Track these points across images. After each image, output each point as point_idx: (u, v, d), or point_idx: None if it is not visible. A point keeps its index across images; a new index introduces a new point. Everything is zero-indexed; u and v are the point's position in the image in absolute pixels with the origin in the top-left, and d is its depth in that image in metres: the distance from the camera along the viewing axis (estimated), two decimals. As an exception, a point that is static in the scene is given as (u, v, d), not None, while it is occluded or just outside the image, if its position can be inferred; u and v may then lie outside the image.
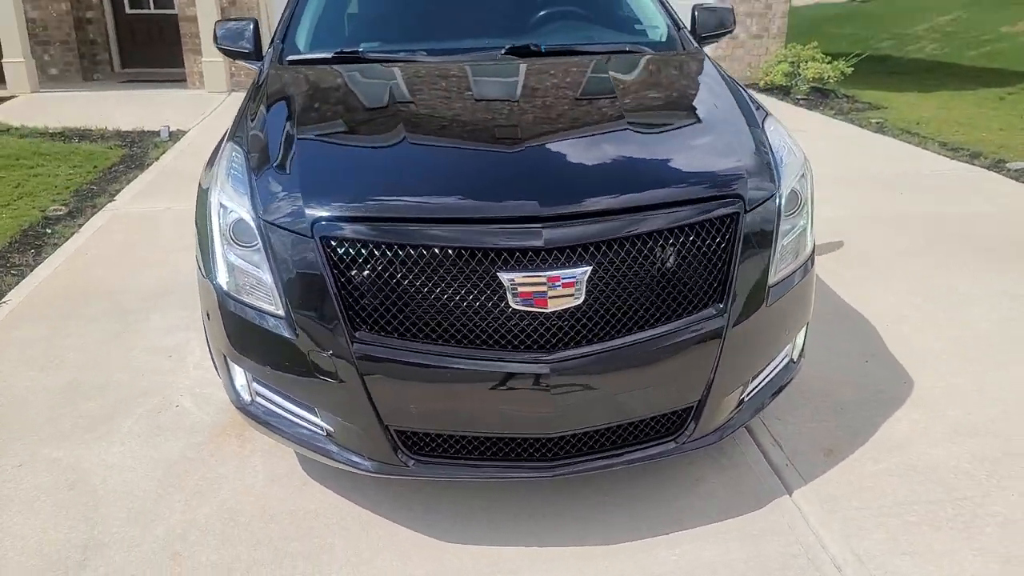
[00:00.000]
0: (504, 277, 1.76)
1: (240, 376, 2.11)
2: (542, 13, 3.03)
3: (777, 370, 2.23)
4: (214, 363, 2.30)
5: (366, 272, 1.81)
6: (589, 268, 1.79)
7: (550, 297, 1.77)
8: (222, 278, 2.01)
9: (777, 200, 2.06)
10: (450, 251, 1.78)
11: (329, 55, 2.80)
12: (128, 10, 10.48)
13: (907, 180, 5.41)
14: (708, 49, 10.46)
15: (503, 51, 2.77)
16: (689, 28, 3.20)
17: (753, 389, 2.15)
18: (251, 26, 2.97)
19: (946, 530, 2.07)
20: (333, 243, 1.82)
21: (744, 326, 1.97)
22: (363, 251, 1.81)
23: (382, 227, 1.81)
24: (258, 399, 2.10)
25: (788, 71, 9.45)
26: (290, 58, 2.84)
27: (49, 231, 4.60)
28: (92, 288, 3.72)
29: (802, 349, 2.34)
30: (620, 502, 2.19)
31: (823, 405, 2.63)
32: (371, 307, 1.83)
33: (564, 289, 1.77)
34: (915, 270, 3.78)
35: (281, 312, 1.90)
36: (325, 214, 1.84)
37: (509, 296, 1.77)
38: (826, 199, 4.91)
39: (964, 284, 3.60)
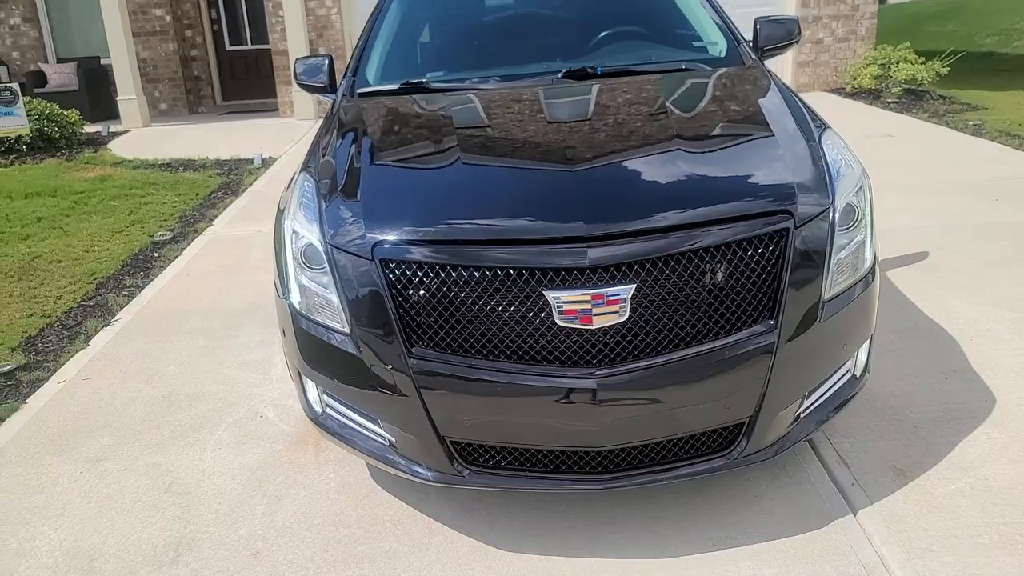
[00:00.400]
0: (550, 295, 1.84)
1: (312, 389, 2.26)
2: (600, 35, 3.10)
3: (838, 385, 2.20)
4: (291, 376, 2.47)
5: (421, 291, 1.93)
6: (633, 286, 1.84)
7: (595, 314, 1.83)
8: (295, 298, 2.17)
9: (831, 214, 2.05)
10: (499, 271, 1.87)
11: (395, 86, 2.96)
12: (228, 47, 11.23)
13: (1002, 186, 5.12)
14: (789, 55, 10.09)
15: (560, 75, 2.85)
16: (751, 41, 3.19)
17: (811, 405, 2.12)
18: (326, 62, 3.18)
19: (1020, 553, 1.98)
20: (391, 265, 1.95)
21: (797, 342, 1.97)
22: (418, 272, 1.93)
23: (434, 249, 1.92)
24: (328, 411, 2.25)
25: (877, 74, 9.10)
26: (360, 90, 3.02)
27: (156, 255, 5.01)
28: (189, 307, 4.04)
29: (866, 364, 2.29)
30: (677, 516, 2.20)
31: (895, 423, 2.55)
32: (426, 324, 1.94)
33: (609, 307, 1.83)
34: (1004, 282, 3.59)
35: (347, 330, 2.04)
36: (382, 238, 1.97)
37: (555, 314, 1.84)
38: (911, 207, 4.74)
39: (1060, 296, 3.40)
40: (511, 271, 1.86)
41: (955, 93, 8.96)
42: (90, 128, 9.12)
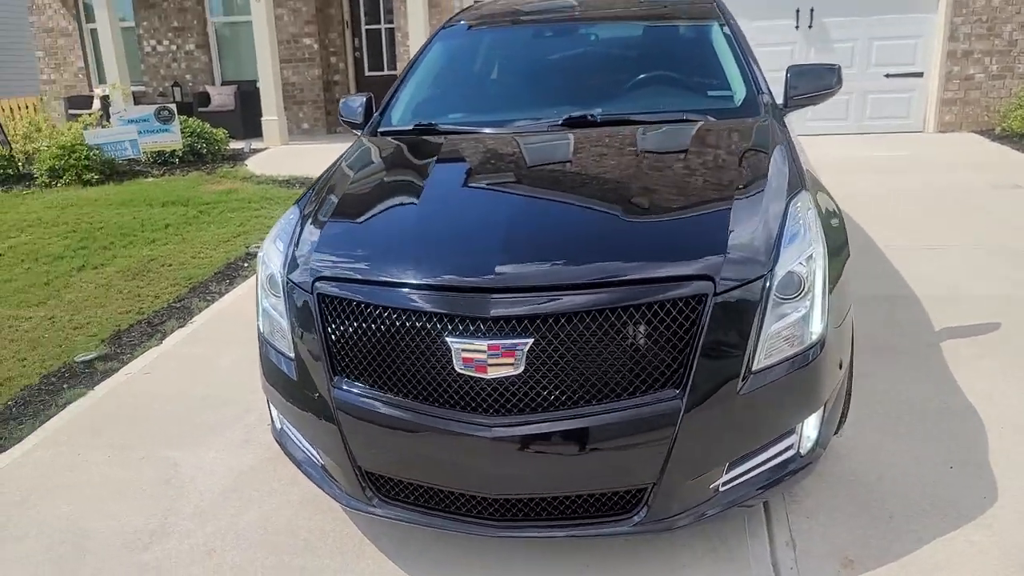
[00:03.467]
0: (451, 341, 1.91)
1: (274, 408, 2.46)
2: (613, 83, 3.12)
3: (775, 461, 2.08)
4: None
5: (345, 326, 2.06)
6: (531, 340, 1.87)
7: (490, 364, 1.88)
8: (261, 322, 2.38)
9: (766, 283, 1.96)
10: (411, 314, 1.97)
11: (410, 127, 3.14)
12: (367, 72, 12.06)
13: None
14: (933, 91, 9.47)
15: (559, 122, 2.90)
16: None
17: (735, 478, 2.03)
18: (364, 100, 3.43)
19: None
20: (325, 299, 2.10)
21: (709, 411, 1.90)
22: (345, 308, 2.07)
23: (357, 289, 2.06)
24: (284, 428, 2.44)
25: (1030, 117, 8.22)
26: (382, 130, 3.23)
27: (246, 265, 5.52)
28: (253, 316, 4.43)
29: (816, 440, 2.15)
30: (601, 574, 2.17)
31: (869, 509, 2.36)
32: (348, 357, 2.07)
33: (504, 358, 1.87)
34: (1076, 365, 3.17)
35: (292, 355, 2.21)
36: (322, 273, 2.14)
37: (455, 360, 1.91)
38: (993, 269, 4.27)
39: None
40: (422, 314, 1.96)
41: None
42: (236, 144, 10.15)
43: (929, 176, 6.84)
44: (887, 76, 9.28)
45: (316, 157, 9.47)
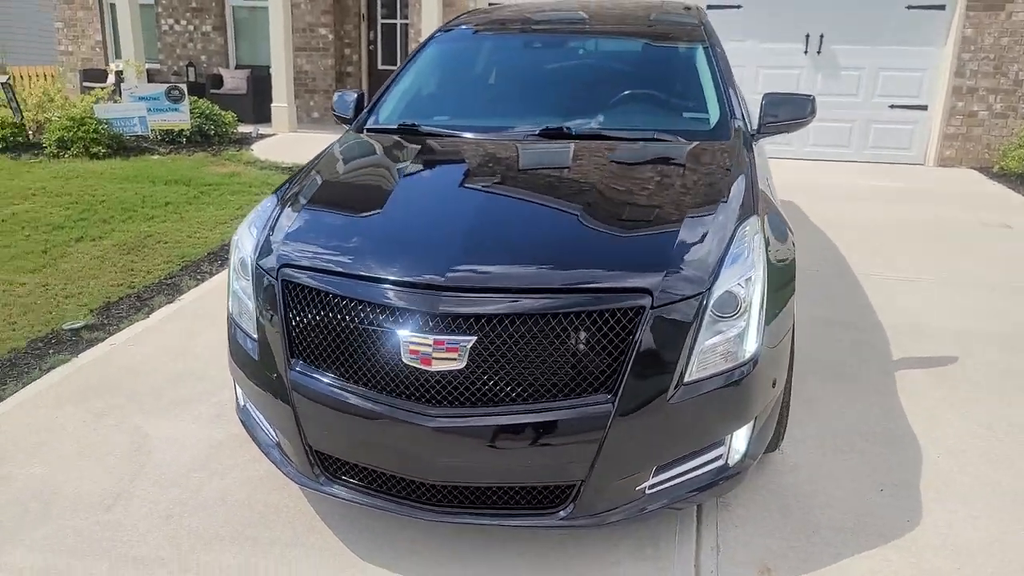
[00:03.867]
0: (400, 334, 2.03)
1: (239, 387, 2.58)
2: (593, 99, 3.24)
3: (703, 469, 2.20)
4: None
5: (305, 312, 2.19)
6: (474, 338, 1.99)
7: (434, 358, 2.00)
8: (231, 303, 2.51)
9: (702, 300, 2.08)
10: (368, 305, 2.09)
11: (395, 126, 3.27)
12: (380, 66, 12.20)
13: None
14: (936, 126, 9.55)
15: (536, 132, 3.02)
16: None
17: (662, 482, 2.15)
18: (356, 96, 3.55)
19: None
20: (289, 285, 2.23)
21: (638, 418, 2.02)
22: (307, 295, 2.19)
23: (319, 277, 2.18)
24: (246, 406, 2.56)
25: (1027, 157, 8.30)
26: (368, 126, 3.36)
27: (239, 247, 5.65)
28: (238, 298, 4.56)
29: (744, 453, 2.26)
30: (533, 564, 2.28)
31: (796, 523, 2.47)
32: (306, 342, 2.20)
33: (448, 353, 1.99)
34: (1021, 405, 3.27)
35: (255, 336, 2.33)
36: (287, 260, 2.26)
37: (403, 351, 2.03)
38: (962, 302, 4.37)
39: (1079, 427, 3.06)
40: (376, 306, 2.08)
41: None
42: (244, 128, 10.29)
43: (920, 209, 6.93)
44: (891, 107, 9.36)
45: (320, 146, 9.57)
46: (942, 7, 8.96)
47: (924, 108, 9.34)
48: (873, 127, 9.48)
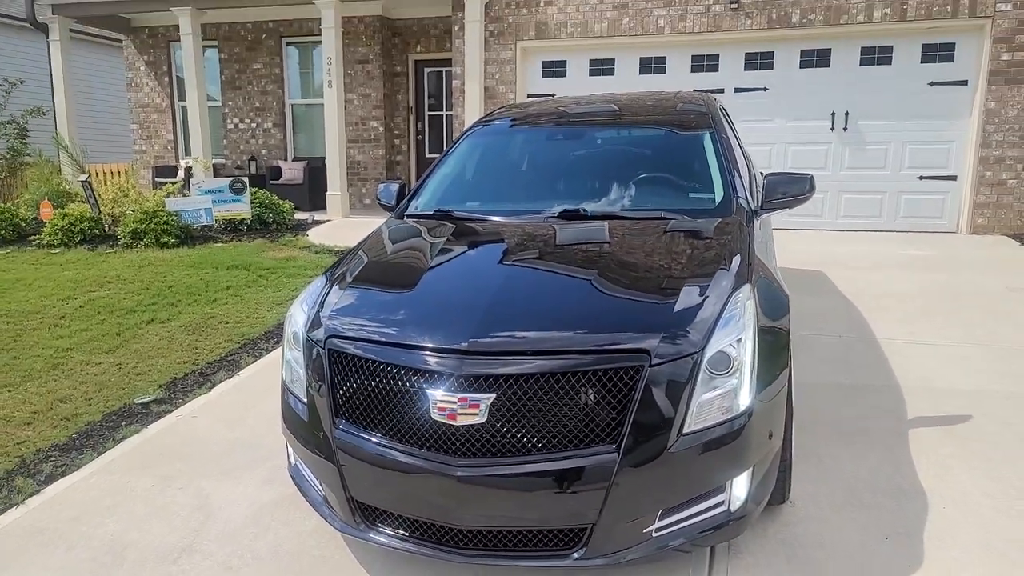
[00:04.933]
0: (431, 393, 2.33)
1: (290, 447, 2.90)
2: (607, 184, 3.61)
3: (707, 514, 2.39)
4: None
5: (348, 376, 2.52)
6: (493, 395, 2.28)
7: (459, 413, 2.29)
8: (284, 371, 2.85)
9: (696, 359, 2.33)
10: (403, 369, 2.41)
11: (431, 212, 3.67)
12: (427, 154, 12.96)
13: None
14: (966, 195, 9.76)
15: (556, 214, 3.38)
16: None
17: (667, 525, 2.35)
18: (398, 186, 3.99)
19: None
20: (334, 353, 2.57)
21: (641, 466, 2.25)
22: (349, 362, 2.53)
23: (361, 346, 2.52)
24: (296, 464, 2.87)
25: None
26: (408, 213, 3.77)
27: (293, 326, 6.08)
28: (291, 372, 4.94)
29: (745, 500, 2.44)
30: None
31: (803, 570, 2.61)
32: (348, 403, 2.51)
33: (470, 409, 2.28)
34: (1038, 459, 3.35)
35: (305, 400, 2.66)
36: (334, 332, 2.61)
37: (432, 409, 2.33)
38: (975, 365, 4.45)
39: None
40: (409, 370, 2.39)
41: None
42: (301, 215, 11.00)
43: (947, 276, 7.01)
44: (920, 178, 9.54)
45: (369, 230, 10.23)
46: (964, 82, 9.22)
47: (954, 178, 9.48)
48: (903, 198, 9.63)
